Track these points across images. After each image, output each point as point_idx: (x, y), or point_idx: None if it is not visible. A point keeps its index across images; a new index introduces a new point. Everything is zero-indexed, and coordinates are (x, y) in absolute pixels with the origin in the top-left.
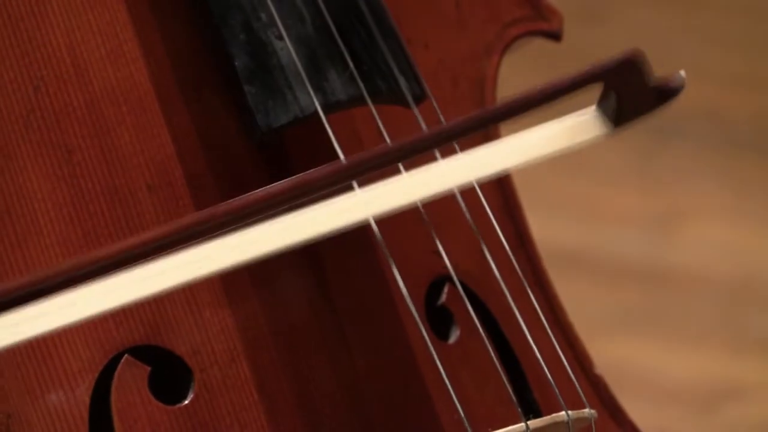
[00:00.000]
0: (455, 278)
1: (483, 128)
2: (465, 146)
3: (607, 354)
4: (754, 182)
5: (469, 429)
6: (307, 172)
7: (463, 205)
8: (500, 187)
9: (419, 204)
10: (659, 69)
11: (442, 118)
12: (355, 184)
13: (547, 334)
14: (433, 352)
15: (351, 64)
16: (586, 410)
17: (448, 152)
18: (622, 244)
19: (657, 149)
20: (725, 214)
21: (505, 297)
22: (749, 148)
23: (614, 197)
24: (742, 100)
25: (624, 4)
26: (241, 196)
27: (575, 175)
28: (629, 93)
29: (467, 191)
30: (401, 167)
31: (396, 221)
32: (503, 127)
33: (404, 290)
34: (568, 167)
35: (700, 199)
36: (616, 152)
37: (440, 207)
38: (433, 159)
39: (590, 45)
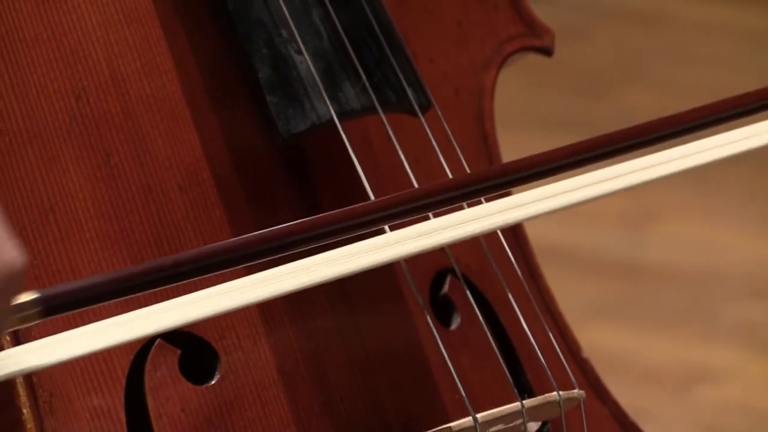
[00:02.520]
0: (457, 271)
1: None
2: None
3: (589, 340)
4: (720, 184)
5: (469, 407)
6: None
7: (466, 206)
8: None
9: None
10: (637, 81)
11: (446, 126)
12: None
13: (540, 321)
14: (437, 337)
15: (363, 77)
16: (576, 391)
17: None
18: (602, 241)
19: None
20: (695, 213)
21: (502, 288)
22: None
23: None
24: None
25: (607, 22)
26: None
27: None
28: None
29: None
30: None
31: (405, 221)
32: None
33: (411, 281)
34: None
35: (672, 199)
36: None
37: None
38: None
39: (576, 60)
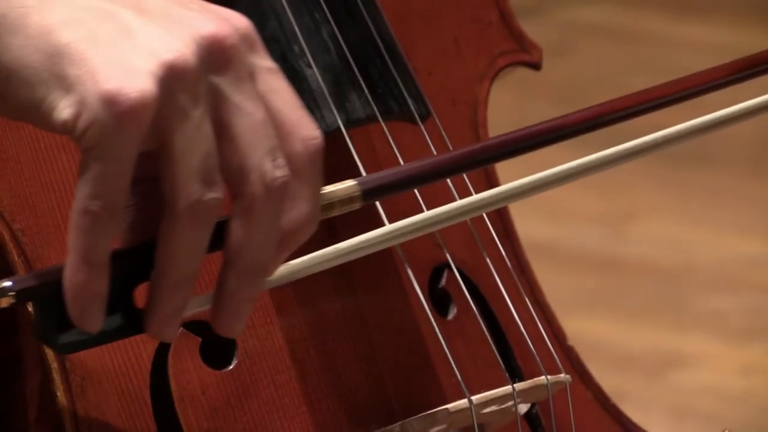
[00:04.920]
0: (453, 266)
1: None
2: None
3: (573, 329)
4: (691, 185)
5: (465, 390)
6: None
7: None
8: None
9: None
10: (618, 93)
11: (444, 134)
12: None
13: (529, 311)
14: (435, 327)
15: (368, 88)
16: (562, 375)
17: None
18: (584, 238)
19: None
20: (668, 212)
21: (495, 280)
22: (687, 157)
23: (577, 199)
24: (682, 117)
25: (590, 39)
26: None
27: None
28: None
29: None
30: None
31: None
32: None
33: (411, 275)
34: None
35: (648, 199)
36: None
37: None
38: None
39: (561, 73)
